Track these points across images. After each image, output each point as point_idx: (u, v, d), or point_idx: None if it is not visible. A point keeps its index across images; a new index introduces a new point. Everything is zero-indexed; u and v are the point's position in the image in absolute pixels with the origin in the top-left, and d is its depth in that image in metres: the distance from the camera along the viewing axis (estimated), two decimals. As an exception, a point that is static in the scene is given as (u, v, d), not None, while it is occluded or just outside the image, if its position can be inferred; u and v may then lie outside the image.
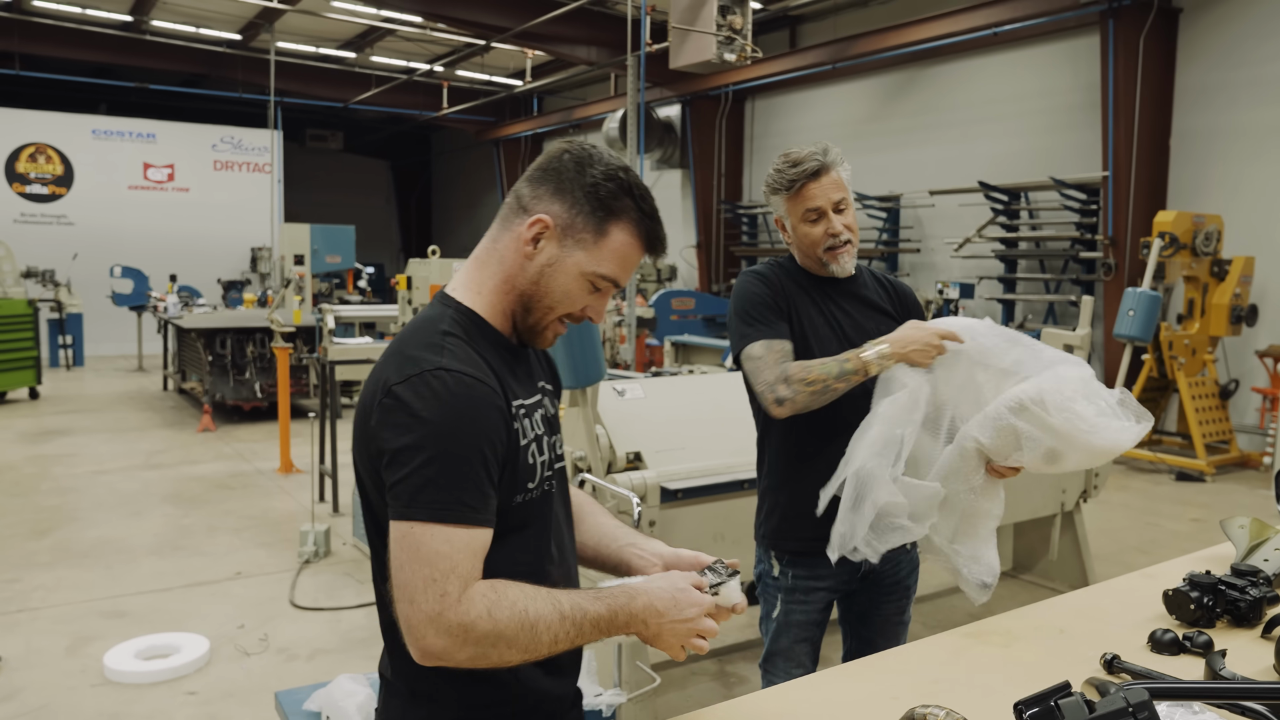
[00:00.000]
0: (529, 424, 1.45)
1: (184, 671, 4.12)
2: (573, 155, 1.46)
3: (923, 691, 1.69)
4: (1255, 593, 2.02)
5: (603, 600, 1.39)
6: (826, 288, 2.48)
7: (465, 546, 1.30)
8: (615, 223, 1.45)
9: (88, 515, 6.62)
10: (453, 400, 1.32)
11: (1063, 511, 5.14)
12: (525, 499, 1.45)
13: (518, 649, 1.32)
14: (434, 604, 1.27)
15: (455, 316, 1.45)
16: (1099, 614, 2.13)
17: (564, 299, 1.47)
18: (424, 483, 1.29)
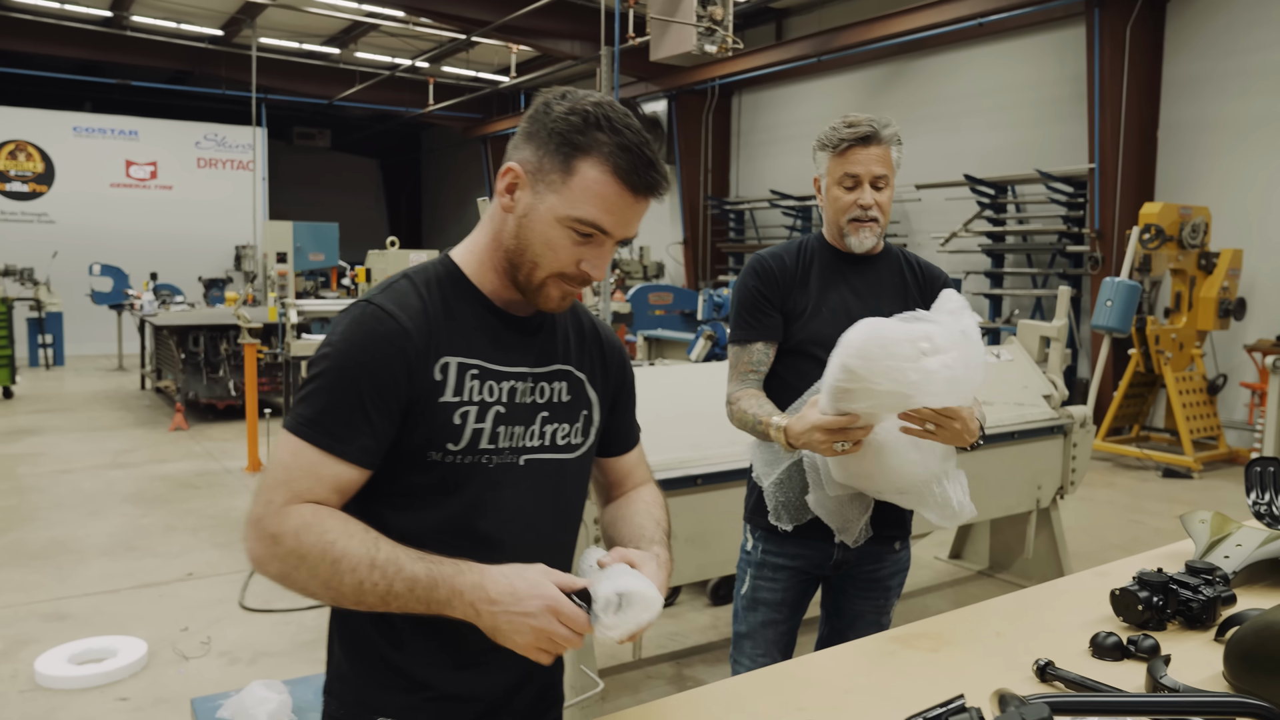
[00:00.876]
0: (475, 386, 1.38)
1: (117, 676, 3.96)
2: (545, 100, 1.38)
3: (831, 702, 1.54)
4: (1209, 592, 1.86)
5: (427, 563, 1.27)
6: (845, 266, 2.38)
7: (310, 467, 1.29)
8: (582, 158, 1.32)
9: (44, 515, 6.46)
10: (355, 330, 1.33)
11: (1038, 508, 4.98)
12: (445, 459, 1.37)
13: (317, 580, 1.25)
14: (260, 508, 1.28)
15: (432, 268, 1.44)
16: (1041, 616, 1.97)
17: (546, 251, 1.36)
18: (303, 396, 1.32)
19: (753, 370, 2.35)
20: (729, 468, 3.65)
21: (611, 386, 1.60)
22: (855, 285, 2.37)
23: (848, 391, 1.90)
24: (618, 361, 1.63)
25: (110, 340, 15.12)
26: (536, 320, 1.48)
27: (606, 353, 1.61)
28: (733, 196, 15.52)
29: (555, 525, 1.52)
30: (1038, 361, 5.20)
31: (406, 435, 1.35)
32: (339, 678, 1.49)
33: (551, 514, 1.50)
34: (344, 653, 1.47)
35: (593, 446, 1.57)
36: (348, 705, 1.47)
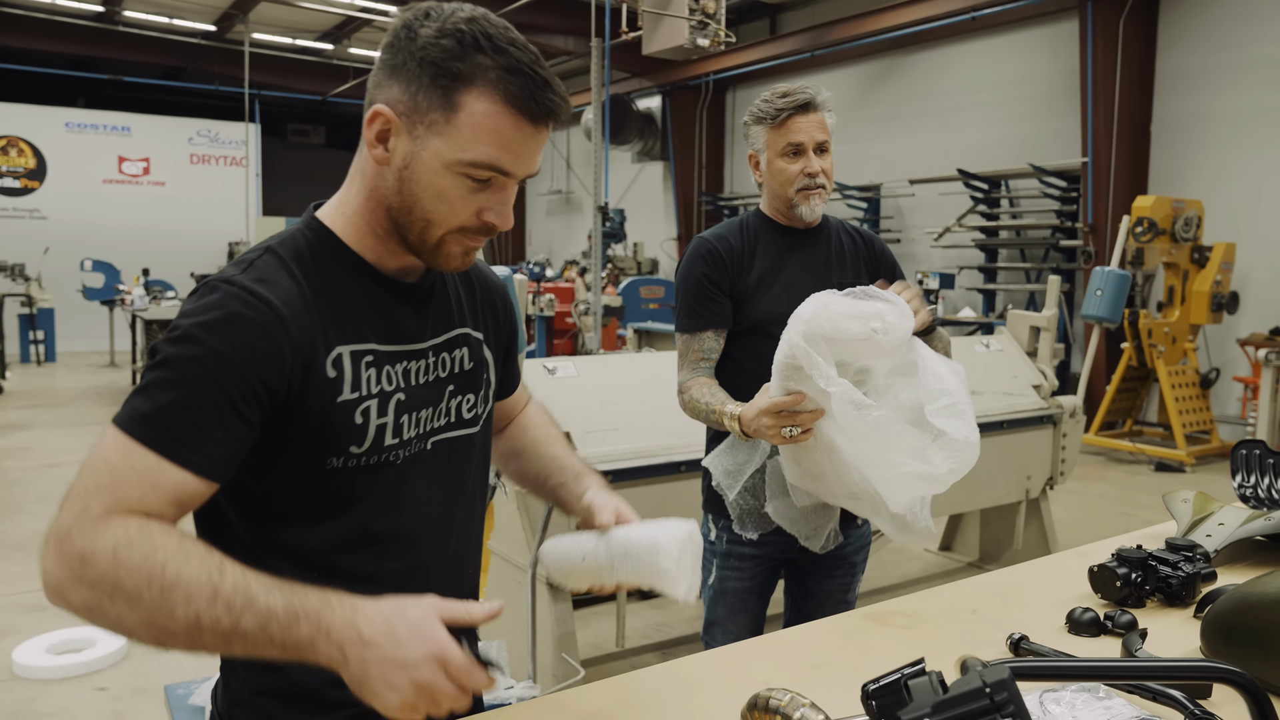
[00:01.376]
0: (372, 376, 1.19)
1: (96, 667, 3.92)
2: (405, 22, 1.13)
3: (797, 677, 1.50)
4: (1189, 569, 1.83)
5: (287, 594, 1.01)
6: (791, 240, 2.35)
7: (144, 473, 1.03)
8: (466, 89, 1.10)
9: (29, 508, 6.41)
10: (214, 315, 1.09)
11: (1027, 499, 4.96)
12: (348, 464, 1.18)
13: (139, 614, 0.98)
14: (69, 517, 1.01)
15: (299, 233, 1.21)
16: (1019, 593, 1.94)
17: (438, 204, 1.14)
18: (142, 387, 1.07)
19: (703, 358, 2.28)
20: (712, 454, 3.62)
21: (504, 338, 1.45)
22: (802, 259, 2.35)
23: (796, 369, 1.84)
24: (505, 308, 1.46)
25: (102, 336, 15.06)
26: (427, 284, 1.29)
27: (496, 302, 1.43)
28: (727, 192, 15.49)
29: (467, 505, 1.37)
30: (1028, 352, 5.17)
31: (296, 441, 1.15)
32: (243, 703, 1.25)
33: (461, 495, 1.34)
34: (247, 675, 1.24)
35: (491, 411, 1.40)
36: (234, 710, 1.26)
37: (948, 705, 0.99)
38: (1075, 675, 1.15)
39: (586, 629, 4.25)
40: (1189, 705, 1.34)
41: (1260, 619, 1.45)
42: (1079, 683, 1.39)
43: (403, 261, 1.25)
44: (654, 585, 1.27)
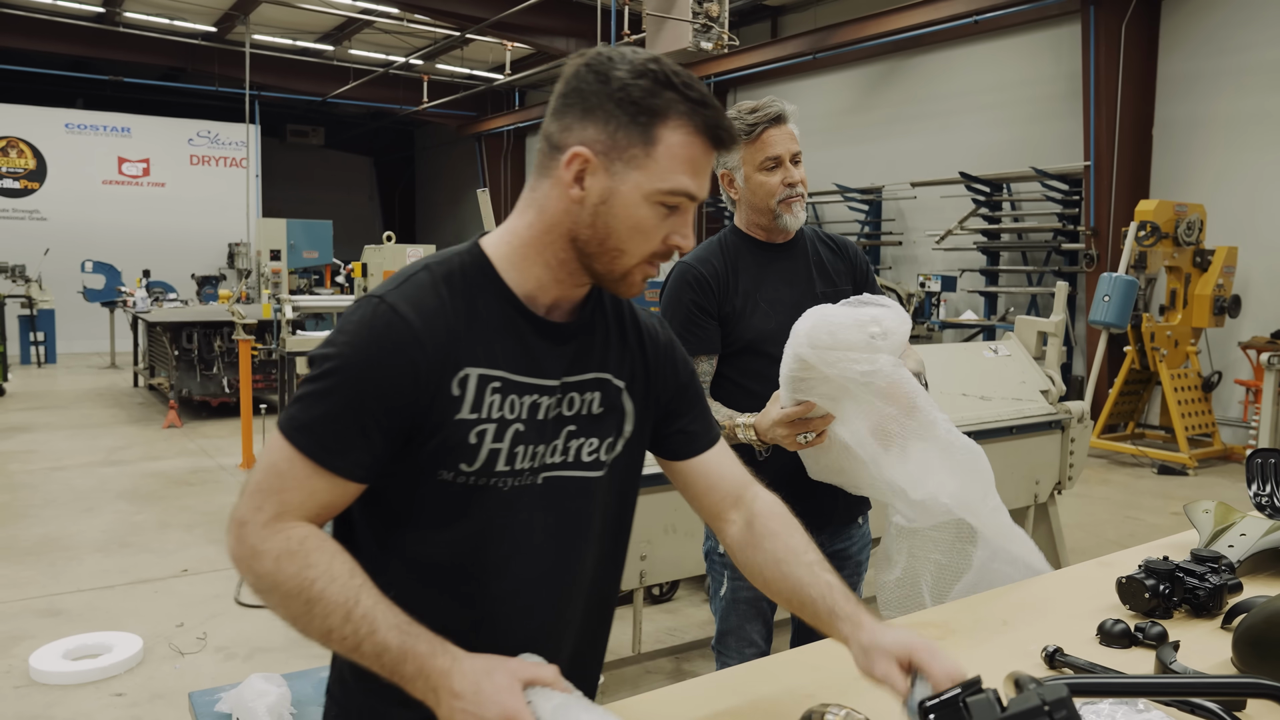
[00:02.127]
0: (496, 402, 1.24)
1: (113, 672, 3.93)
2: (590, 66, 1.22)
3: (840, 689, 1.52)
4: (1215, 580, 1.86)
5: (402, 634, 1.14)
6: (771, 256, 2.38)
7: (303, 480, 1.18)
8: (662, 124, 1.19)
9: (37, 512, 6.42)
10: (363, 332, 1.20)
11: (1036, 504, 4.98)
12: (457, 480, 1.25)
13: (287, 612, 1.16)
14: (247, 511, 1.17)
15: (458, 256, 1.29)
16: (1048, 604, 1.96)
17: (634, 234, 1.22)
18: (301, 396, 1.20)
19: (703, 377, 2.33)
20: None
21: (656, 390, 1.45)
22: (783, 273, 2.39)
23: (802, 380, 1.94)
24: (670, 361, 1.47)
25: (102, 338, 15.05)
26: (574, 324, 1.34)
27: (658, 354, 1.45)
28: (727, 194, 15.50)
29: (573, 550, 1.37)
30: (1035, 357, 5.20)
31: (415, 451, 1.23)
32: (340, 681, 1.40)
33: (570, 538, 1.36)
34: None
35: (622, 459, 1.41)
36: (348, 711, 1.39)
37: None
38: (1128, 691, 1.18)
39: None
40: (1226, 717, 1.36)
41: (1294, 632, 1.47)
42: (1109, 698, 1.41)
43: (557, 296, 1.30)
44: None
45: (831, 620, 1.35)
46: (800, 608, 1.41)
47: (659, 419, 1.47)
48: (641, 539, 3.44)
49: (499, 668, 1.14)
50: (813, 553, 1.44)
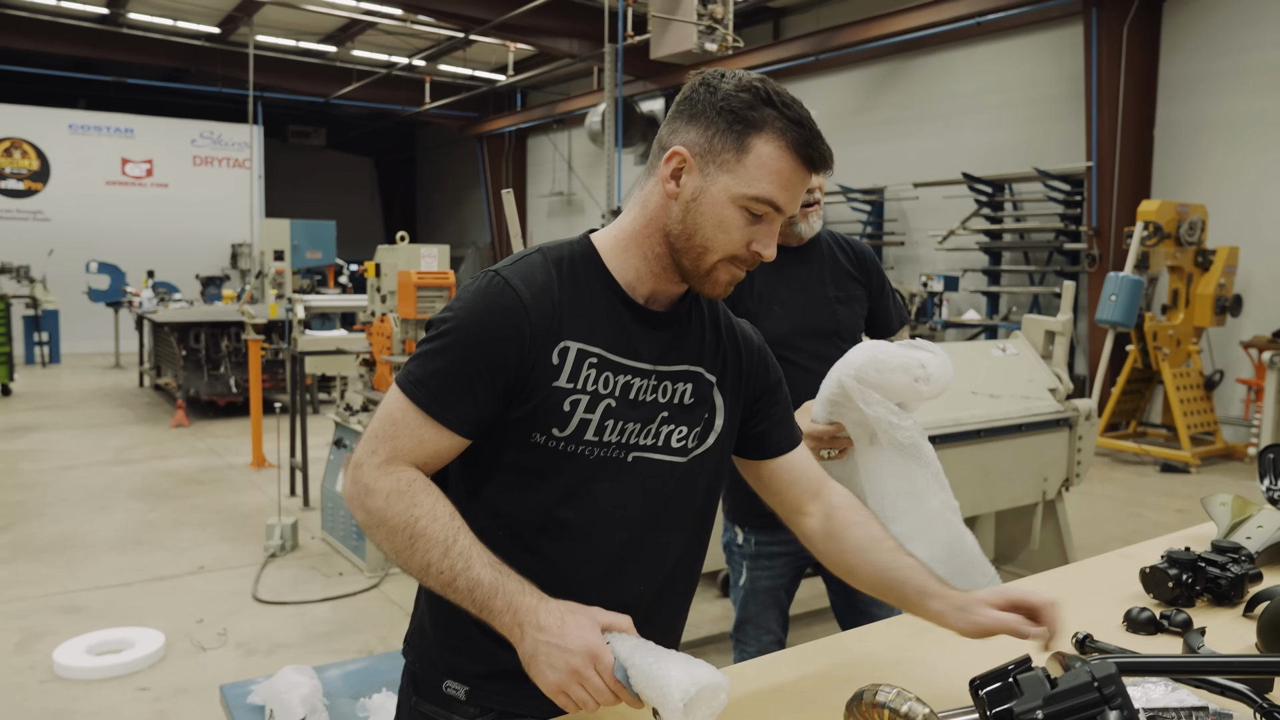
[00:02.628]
0: (592, 375, 1.34)
1: (136, 667, 3.98)
2: (704, 80, 1.34)
3: (881, 673, 1.57)
4: (1236, 570, 1.92)
5: (495, 571, 1.24)
6: (787, 260, 2.46)
7: (415, 429, 1.30)
8: (756, 135, 1.29)
9: (51, 511, 6.46)
10: (479, 300, 1.32)
11: (1044, 500, 5.04)
12: (548, 444, 1.35)
13: (390, 546, 1.28)
14: (364, 454, 1.31)
15: (569, 244, 1.42)
16: (1073, 593, 2.01)
17: (717, 233, 1.32)
18: (418, 355, 1.33)
19: None
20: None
21: (745, 390, 1.52)
22: (798, 276, 2.48)
23: (838, 405, 2.10)
24: (760, 365, 1.56)
25: (106, 338, 15.08)
26: (670, 316, 1.42)
27: (744, 355, 1.53)
28: (730, 195, 15.56)
29: (654, 527, 1.44)
30: (1042, 355, 5.25)
31: (513, 413, 1.34)
32: (419, 631, 1.50)
33: (653, 516, 1.43)
34: (428, 608, 1.48)
35: (712, 453, 1.48)
36: (424, 661, 1.48)
37: (1059, 698, 1.07)
38: (1172, 669, 1.23)
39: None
40: (1256, 698, 1.41)
41: (1317, 618, 1.53)
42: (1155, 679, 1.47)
43: (655, 288, 1.40)
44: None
45: (921, 599, 1.47)
46: (887, 590, 1.52)
47: (745, 417, 1.54)
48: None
49: (581, 610, 1.23)
50: (891, 540, 1.53)
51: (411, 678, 1.50)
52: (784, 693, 1.54)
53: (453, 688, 1.43)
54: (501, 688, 1.40)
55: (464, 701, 1.42)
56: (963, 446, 4.56)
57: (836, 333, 2.49)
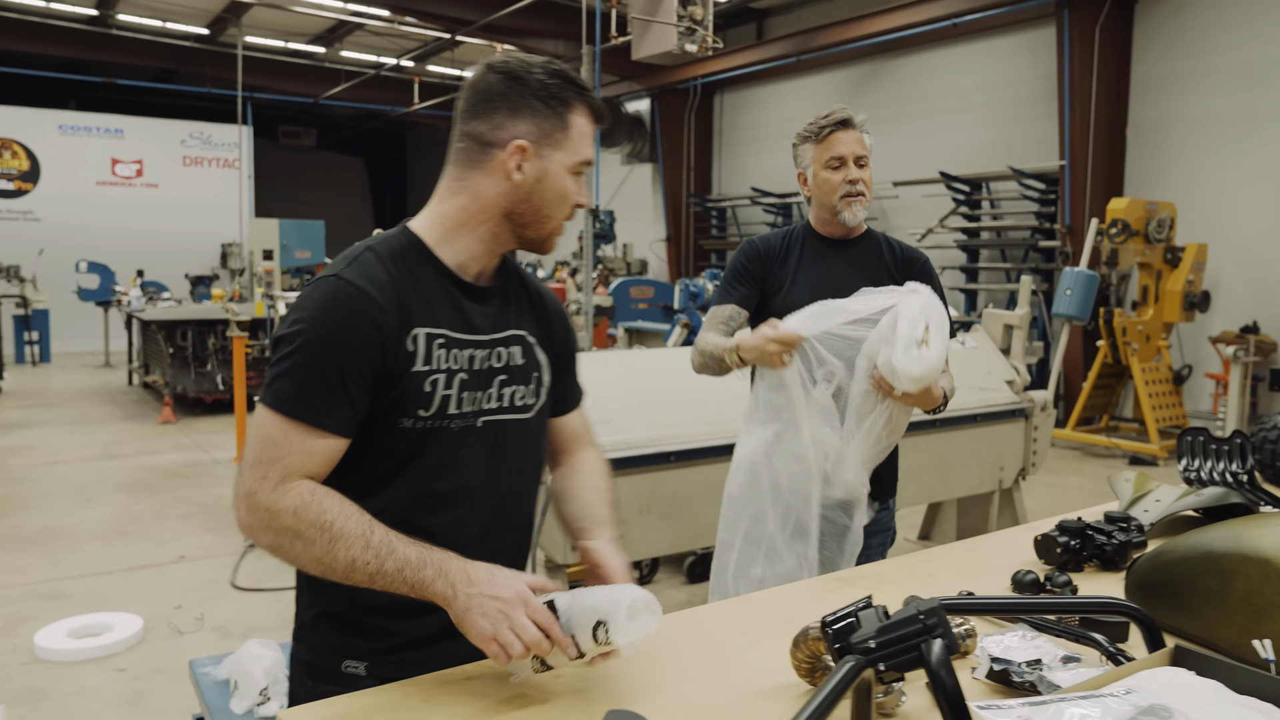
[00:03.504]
0: (442, 355, 1.47)
1: (115, 649, 4.12)
2: (503, 74, 1.50)
3: (774, 628, 1.72)
4: (1122, 537, 2.06)
5: (418, 548, 1.36)
6: (828, 248, 2.65)
7: (299, 442, 1.37)
8: (571, 111, 1.50)
9: (38, 504, 6.59)
10: (329, 305, 1.40)
11: (1000, 489, 5.19)
12: (416, 425, 1.46)
13: (312, 555, 1.35)
14: (252, 482, 1.35)
15: (393, 237, 1.52)
16: (973, 561, 2.17)
17: (560, 203, 1.53)
18: (279, 372, 1.39)
19: (723, 324, 2.59)
20: (702, 445, 3.85)
21: (556, 348, 1.69)
22: (833, 264, 2.63)
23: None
24: (561, 325, 1.73)
25: (96, 337, 15.19)
26: (495, 289, 1.59)
27: (551, 316, 1.70)
28: (715, 194, 15.72)
29: (512, 481, 1.60)
30: (1002, 349, 5.41)
31: (380, 404, 1.44)
32: (309, 625, 1.56)
33: (508, 471, 1.59)
34: (319, 601, 1.54)
35: (545, 406, 1.66)
36: (318, 649, 1.54)
37: (889, 629, 1.21)
38: (990, 610, 1.38)
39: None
40: (1106, 645, 1.56)
41: (1171, 574, 1.67)
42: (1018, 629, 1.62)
43: (482, 266, 1.57)
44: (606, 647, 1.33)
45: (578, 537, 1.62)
46: (571, 530, 1.66)
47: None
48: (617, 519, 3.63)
49: (509, 571, 1.38)
50: (594, 494, 1.69)
51: (306, 666, 1.55)
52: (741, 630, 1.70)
53: (353, 666, 1.51)
54: (398, 659, 1.50)
55: (365, 677, 1.49)
56: (919, 435, 4.70)
57: None
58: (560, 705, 1.37)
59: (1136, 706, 1.11)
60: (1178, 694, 1.16)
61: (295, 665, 1.58)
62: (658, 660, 1.56)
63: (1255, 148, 8.88)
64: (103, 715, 3.61)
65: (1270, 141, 8.77)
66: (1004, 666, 1.46)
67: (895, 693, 1.36)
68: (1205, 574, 1.61)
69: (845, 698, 1.19)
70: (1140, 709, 1.11)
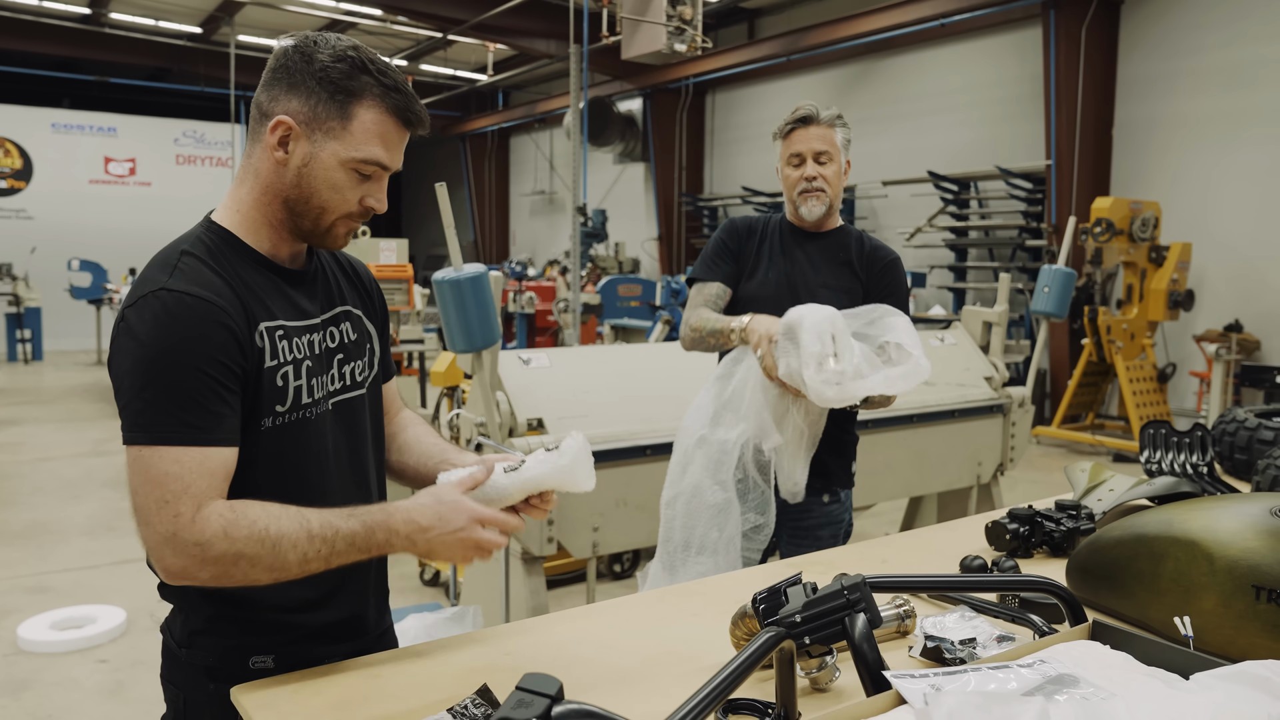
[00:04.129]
0: (285, 346, 1.42)
1: (97, 641, 4.16)
2: (297, 48, 1.40)
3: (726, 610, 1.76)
4: (1070, 524, 2.11)
5: (357, 517, 1.37)
6: (800, 239, 2.71)
7: (198, 466, 1.29)
8: (358, 103, 1.39)
9: (25, 499, 6.63)
10: (170, 321, 1.30)
11: (979, 484, 5.24)
12: (275, 423, 1.41)
13: (262, 567, 1.31)
14: (168, 525, 1.27)
15: (203, 236, 1.43)
16: (927, 547, 2.22)
17: (332, 194, 1.42)
18: (144, 405, 1.28)
19: (709, 303, 2.64)
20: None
21: (379, 318, 1.67)
22: (801, 256, 2.69)
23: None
24: (378, 293, 1.70)
25: (89, 336, 15.21)
26: (310, 270, 1.53)
27: (369, 286, 1.67)
28: (706, 193, 15.77)
29: (368, 455, 1.60)
30: (980, 345, 5.46)
31: (245, 406, 1.38)
32: (201, 632, 1.46)
33: (362, 446, 1.58)
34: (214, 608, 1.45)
35: (378, 375, 1.64)
36: (217, 653, 1.46)
37: (815, 604, 1.26)
38: (918, 587, 1.43)
39: (560, 605, 4.50)
40: (1041, 625, 1.61)
41: (1107, 557, 1.72)
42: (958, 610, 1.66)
43: (292, 249, 1.50)
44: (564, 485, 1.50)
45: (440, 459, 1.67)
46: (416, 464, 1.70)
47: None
48: (593, 511, 3.68)
49: (442, 491, 1.43)
50: (435, 437, 1.76)
51: (206, 672, 1.46)
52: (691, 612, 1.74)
53: (261, 661, 1.47)
54: (304, 648, 1.50)
55: (275, 668, 1.47)
56: (896, 431, 4.76)
57: None
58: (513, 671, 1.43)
59: (1045, 676, 1.16)
60: (1088, 665, 1.21)
61: (185, 674, 1.47)
62: (606, 640, 1.61)
63: (1240, 147, 8.94)
64: (83, 705, 3.65)
65: (1255, 141, 8.83)
66: (937, 644, 1.51)
67: (829, 667, 1.41)
68: (1139, 556, 1.65)
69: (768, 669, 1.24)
70: (1048, 678, 1.15)
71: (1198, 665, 1.20)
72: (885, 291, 2.67)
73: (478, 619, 3.23)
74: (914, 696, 1.06)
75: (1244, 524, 1.53)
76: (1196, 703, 1.05)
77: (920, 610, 1.69)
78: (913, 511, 5.95)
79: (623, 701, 1.33)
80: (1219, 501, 1.70)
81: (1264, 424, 2.66)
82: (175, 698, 1.50)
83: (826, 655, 1.38)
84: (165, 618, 1.53)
